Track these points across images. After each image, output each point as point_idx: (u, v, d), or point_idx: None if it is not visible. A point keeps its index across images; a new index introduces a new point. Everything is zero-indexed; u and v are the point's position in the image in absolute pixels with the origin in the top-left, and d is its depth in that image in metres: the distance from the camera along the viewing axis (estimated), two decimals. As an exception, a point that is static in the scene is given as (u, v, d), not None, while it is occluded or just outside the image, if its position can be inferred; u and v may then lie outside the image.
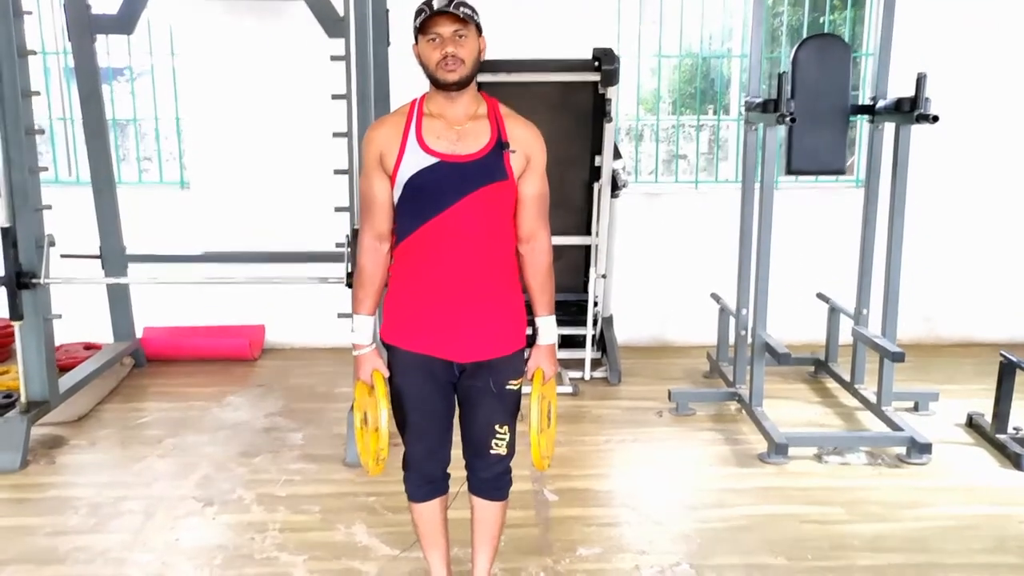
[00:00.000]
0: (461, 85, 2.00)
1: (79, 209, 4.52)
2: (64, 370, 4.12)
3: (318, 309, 4.30)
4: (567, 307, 4.63)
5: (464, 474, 2.31)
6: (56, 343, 3.90)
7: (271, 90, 4.85)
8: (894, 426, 3.65)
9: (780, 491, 3.26)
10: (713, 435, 3.81)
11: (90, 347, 4.83)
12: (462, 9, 1.93)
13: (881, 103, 3.72)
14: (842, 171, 3.96)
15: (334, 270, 3.77)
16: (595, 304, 4.57)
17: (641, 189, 5.15)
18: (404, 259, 2.10)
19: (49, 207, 3.71)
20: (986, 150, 5.05)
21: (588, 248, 4.62)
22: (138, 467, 3.49)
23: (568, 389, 4.33)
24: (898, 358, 3.55)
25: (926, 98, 3.44)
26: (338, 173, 3.52)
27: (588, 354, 4.52)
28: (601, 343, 4.76)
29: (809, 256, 5.02)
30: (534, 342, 2.22)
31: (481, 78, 2.77)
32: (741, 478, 3.38)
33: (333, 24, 4.05)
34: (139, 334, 4.89)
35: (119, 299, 4.73)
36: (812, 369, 4.65)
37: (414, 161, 2.02)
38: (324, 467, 3.48)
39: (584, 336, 4.50)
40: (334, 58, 3.52)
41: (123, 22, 4.43)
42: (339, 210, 3.57)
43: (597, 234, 4.46)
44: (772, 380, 4.28)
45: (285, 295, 4.92)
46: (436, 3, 1.93)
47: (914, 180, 3.78)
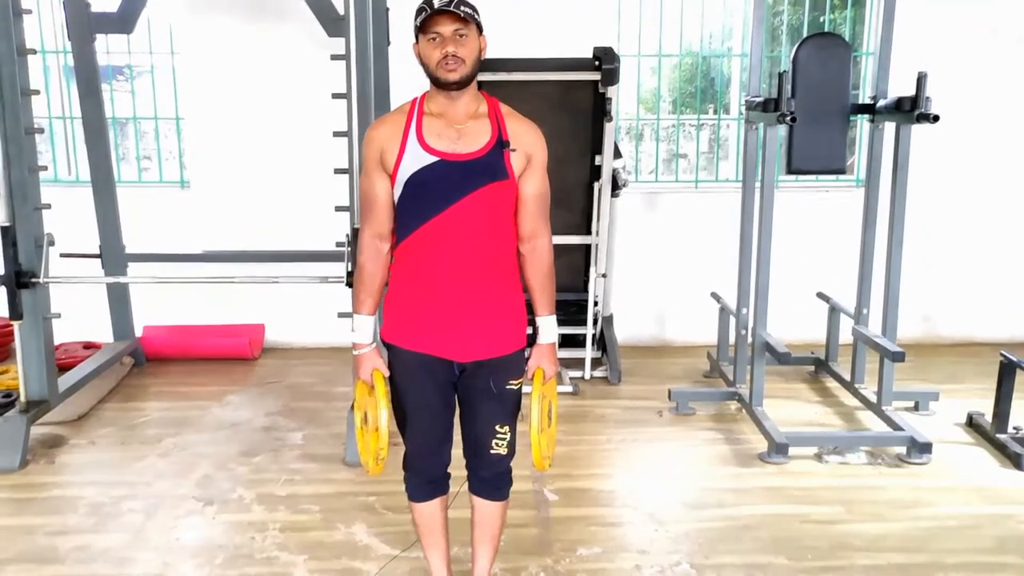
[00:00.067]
0: (461, 84, 1.99)
1: (79, 208, 4.52)
2: (64, 369, 4.12)
3: (318, 308, 4.30)
4: (567, 306, 4.63)
5: (464, 474, 2.31)
6: (56, 342, 3.90)
7: (271, 89, 4.85)
8: (894, 426, 3.65)
9: (780, 491, 3.26)
10: (713, 435, 3.81)
11: (90, 346, 4.83)
12: (463, 8, 1.93)
13: (881, 102, 3.72)
14: (842, 170, 3.96)
15: (334, 269, 3.76)
16: (595, 303, 4.57)
17: (641, 188, 5.14)
18: (405, 258, 2.10)
19: (49, 206, 3.71)
20: (986, 150, 5.04)
21: (588, 247, 4.61)
22: (138, 466, 3.49)
23: (568, 388, 4.33)
24: (898, 358, 3.54)
25: (926, 97, 3.44)
26: (338, 172, 3.51)
27: (588, 353, 4.52)
28: (601, 342, 4.76)
29: (809, 256, 5.02)
30: (535, 341, 2.22)
31: (481, 77, 2.77)
32: (741, 478, 3.38)
33: (333, 23, 4.05)
34: (139, 333, 4.89)
35: (119, 298, 4.73)
36: (812, 369, 4.65)
37: (414, 160, 2.01)
38: (324, 467, 3.47)
39: (584, 335, 4.50)
40: (334, 57, 3.51)
41: (123, 21, 4.42)
42: (339, 209, 3.57)
43: (597, 233, 4.46)
44: (772, 380, 4.28)
45: (285, 294, 4.92)
46: (437, 2, 1.92)
47: (914, 180, 3.78)
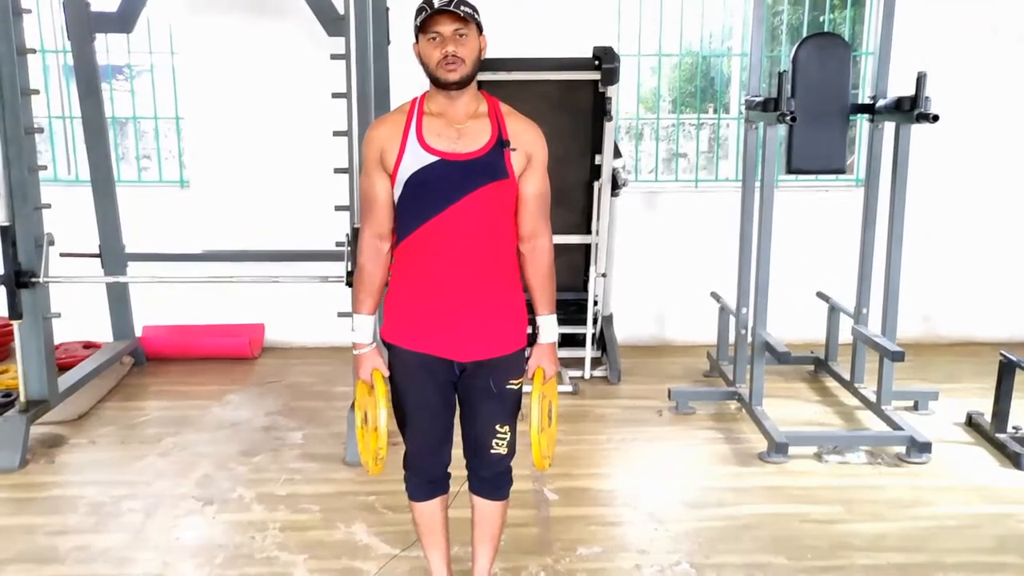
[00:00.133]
0: (461, 84, 1.99)
1: (78, 208, 4.51)
2: (63, 369, 4.12)
3: (318, 308, 4.30)
4: (567, 306, 4.63)
5: (464, 473, 2.31)
6: (55, 342, 3.90)
7: (271, 88, 4.85)
8: (894, 425, 3.65)
9: (780, 490, 3.26)
10: (713, 434, 3.81)
11: (89, 346, 4.83)
12: (463, 8, 1.93)
13: (881, 102, 3.72)
14: (842, 170, 3.95)
15: (334, 269, 3.76)
16: (595, 303, 4.57)
17: (641, 188, 5.14)
18: (405, 258, 2.10)
19: (48, 206, 3.70)
20: (986, 149, 5.04)
21: (588, 247, 4.61)
22: (138, 466, 3.49)
23: (568, 388, 4.33)
24: (898, 357, 3.55)
25: (926, 97, 3.44)
26: (338, 172, 3.51)
27: (588, 353, 4.52)
28: (601, 342, 4.76)
29: (809, 255, 5.02)
30: (535, 341, 2.22)
31: (481, 76, 2.76)
32: (741, 477, 3.38)
33: (333, 22, 4.05)
34: (139, 333, 4.89)
35: (118, 298, 4.73)
36: (812, 368, 4.65)
37: (414, 160, 2.01)
38: (324, 466, 3.47)
39: (584, 335, 4.51)
40: (334, 56, 3.51)
41: (122, 20, 4.42)
42: (339, 209, 3.57)
43: (597, 233, 4.46)
44: (772, 379, 4.28)
45: (285, 294, 4.92)
46: (437, 2, 1.92)
47: (914, 179, 3.78)
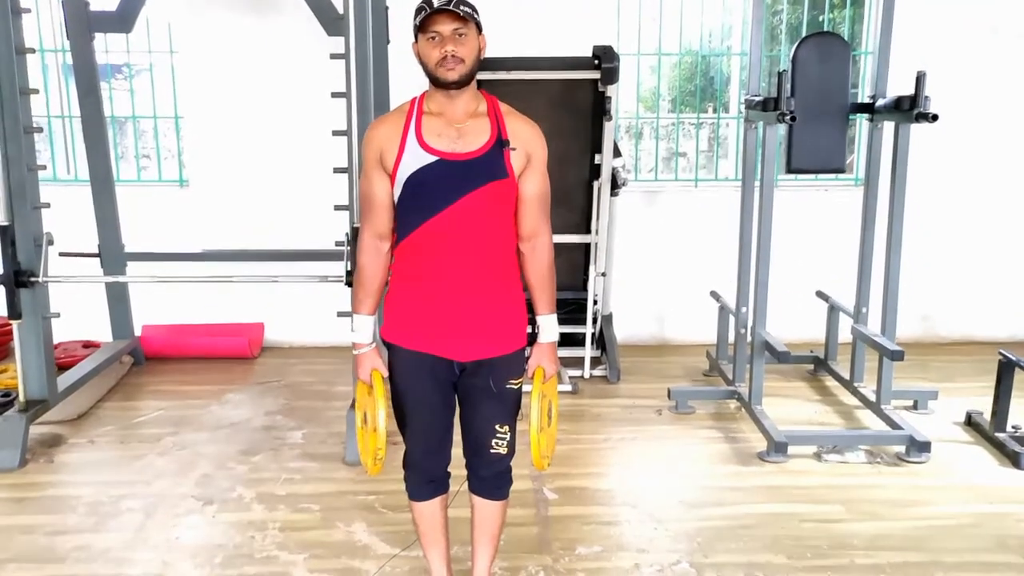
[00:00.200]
0: (461, 84, 1.99)
1: (78, 207, 4.51)
2: (63, 368, 4.12)
3: (317, 307, 4.30)
4: (566, 305, 4.63)
5: (464, 473, 2.31)
6: (55, 341, 3.90)
7: (270, 88, 4.84)
8: (893, 424, 3.66)
9: (780, 489, 3.26)
10: (712, 433, 3.81)
11: (89, 345, 4.83)
12: (462, 7, 1.92)
13: (881, 101, 3.72)
14: (842, 169, 3.95)
15: (334, 268, 3.76)
16: (595, 302, 4.57)
17: (641, 187, 5.14)
18: (405, 258, 2.10)
19: (48, 205, 3.70)
20: (985, 149, 5.04)
21: (588, 246, 4.61)
22: (138, 465, 3.49)
23: (568, 387, 4.33)
24: (897, 356, 3.55)
25: (925, 96, 3.44)
26: (337, 171, 3.51)
27: (588, 352, 4.52)
28: (601, 341, 4.76)
29: (808, 254, 5.02)
30: (535, 340, 2.22)
31: (481, 76, 2.76)
32: (741, 476, 3.38)
33: (332, 22, 4.04)
34: (138, 332, 4.89)
35: (118, 297, 4.73)
36: (811, 367, 4.65)
37: (414, 159, 2.01)
38: (324, 466, 3.47)
39: (584, 334, 4.51)
40: (333, 56, 3.51)
41: (122, 20, 4.41)
42: (338, 208, 3.57)
43: (597, 232, 4.46)
44: (771, 378, 4.28)
45: (284, 293, 4.92)
46: (436, 1, 1.91)
47: (913, 178, 3.78)
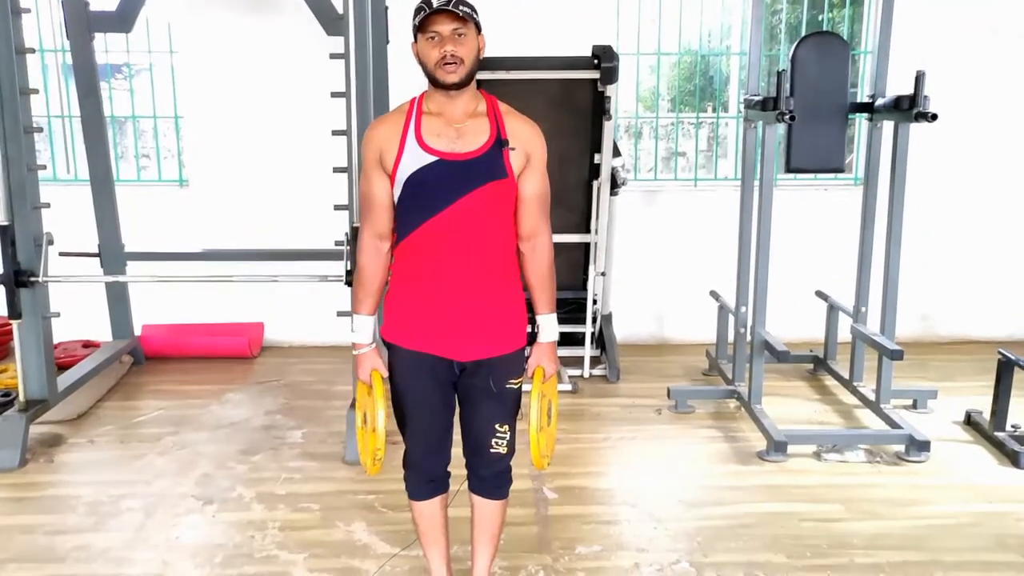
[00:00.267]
0: (460, 84, 1.99)
1: (77, 207, 4.51)
2: (63, 368, 4.12)
3: (317, 307, 4.30)
4: (566, 305, 4.63)
5: (464, 472, 2.31)
6: (55, 341, 3.90)
7: (270, 88, 4.84)
8: (893, 424, 3.66)
9: (779, 489, 3.26)
10: (712, 433, 3.82)
11: (89, 345, 4.83)
12: (461, 7, 1.92)
13: (880, 101, 3.72)
14: (841, 169, 3.96)
15: (333, 268, 3.76)
16: (594, 302, 4.57)
17: (640, 187, 5.14)
18: (405, 258, 2.10)
19: (47, 205, 3.70)
20: (985, 148, 5.04)
21: (587, 246, 4.61)
22: (137, 465, 3.49)
23: (567, 387, 4.33)
24: (897, 356, 3.55)
25: (925, 96, 3.44)
26: (337, 171, 3.51)
27: (587, 352, 4.53)
28: (600, 341, 4.76)
29: (808, 254, 5.02)
30: (535, 339, 2.22)
31: (480, 75, 2.76)
32: (740, 476, 3.38)
33: (332, 22, 4.04)
34: (138, 332, 4.89)
35: (118, 297, 4.73)
36: (811, 367, 4.65)
37: (413, 160, 2.01)
38: (324, 465, 3.48)
39: (583, 334, 4.51)
40: (333, 56, 3.51)
41: (121, 19, 4.41)
42: (338, 208, 3.57)
43: (596, 232, 4.46)
44: (771, 378, 4.28)
45: (284, 293, 4.92)
46: (435, 1, 1.92)
47: (913, 178, 3.78)
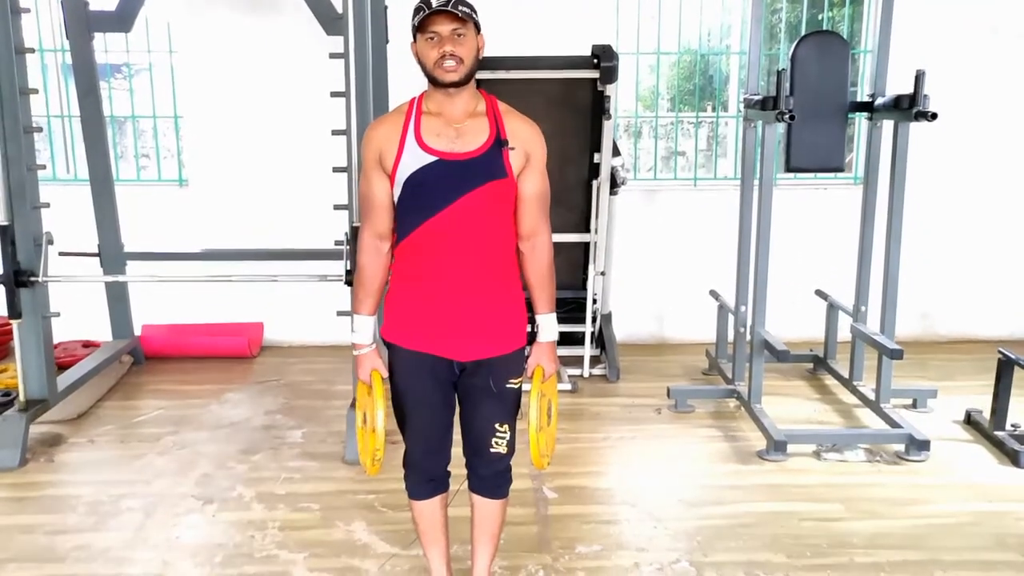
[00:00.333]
0: (460, 83, 1.99)
1: (77, 207, 4.51)
2: (63, 368, 4.12)
3: (317, 307, 4.30)
4: (566, 304, 4.63)
5: (464, 472, 2.31)
6: (55, 341, 3.90)
7: (270, 87, 4.84)
8: (892, 423, 3.66)
9: (779, 488, 3.26)
10: (712, 432, 3.82)
11: (89, 345, 4.83)
12: (460, 7, 1.92)
13: (880, 100, 3.72)
14: (841, 168, 3.96)
15: (333, 268, 3.76)
16: (594, 301, 4.57)
17: (640, 186, 5.14)
18: (404, 258, 2.10)
19: (47, 205, 3.70)
20: (985, 147, 5.04)
21: (587, 245, 4.61)
22: (137, 465, 3.50)
23: (567, 386, 4.33)
24: (896, 355, 3.55)
25: (924, 95, 3.44)
26: (337, 171, 3.51)
27: (587, 351, 4.53)
28: (600, 340, 4.76)
29: (808, 253, 5.02)
30: (534, 339, 2.22)
31: (480, 75, 2.76)
32: (740, 475, 3.38)
33: (332, 21, 4.05)
34: (138, 332, 4.89)
35: (118, 297, 4.73)
36: (811, 366, 4.65)
37: (413, 160, 2.01)
38: (324, 465, 3.48)
39: (583, 333, 4.51)
40: (333, 56, 3.51)
41: (121, 19, 4.41)
42: (338, 208, 3.57)
43: (596, 231, 4.46)
44: (771, 377, 4.28)
45: (284, 293, 4.92)
46: (434, 1, 1.91)
47: (913, 177, 3.78)
